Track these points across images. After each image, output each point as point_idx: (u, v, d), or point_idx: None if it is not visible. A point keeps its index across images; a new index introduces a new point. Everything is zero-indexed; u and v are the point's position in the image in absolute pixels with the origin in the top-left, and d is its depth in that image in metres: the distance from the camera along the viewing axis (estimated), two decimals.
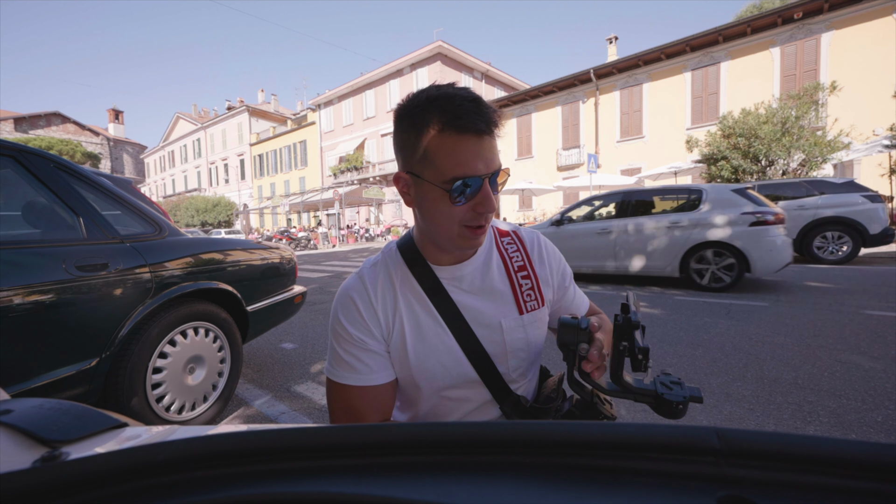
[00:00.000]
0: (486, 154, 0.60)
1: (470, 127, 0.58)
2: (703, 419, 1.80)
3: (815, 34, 12.00)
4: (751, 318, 3.30)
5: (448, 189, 0.59)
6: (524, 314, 0.73)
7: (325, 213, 27.99)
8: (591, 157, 11.31)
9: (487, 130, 0.60)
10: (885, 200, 6.14)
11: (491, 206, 0.62)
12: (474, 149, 0.59)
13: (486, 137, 0.60)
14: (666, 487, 0.17)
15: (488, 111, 0.60)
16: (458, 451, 0.18)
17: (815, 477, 0.16)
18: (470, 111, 0.58)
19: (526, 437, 0.18)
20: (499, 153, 0.63)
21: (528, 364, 0.75)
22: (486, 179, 0.60)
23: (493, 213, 0.63)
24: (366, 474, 0.18)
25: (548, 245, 0.82)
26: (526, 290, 0.74)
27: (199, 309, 1.89)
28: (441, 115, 0.58)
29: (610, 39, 20.04)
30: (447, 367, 0.70)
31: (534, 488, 0.17)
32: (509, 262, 0.75)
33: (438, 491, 0.17)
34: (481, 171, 0.59)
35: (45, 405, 0.31)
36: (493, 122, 0.60)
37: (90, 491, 0.18)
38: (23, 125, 38.44)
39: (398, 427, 0.19)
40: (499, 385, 0.72)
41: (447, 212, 0.62)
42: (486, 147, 0.60)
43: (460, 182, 0.59)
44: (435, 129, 0.59)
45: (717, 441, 0.17)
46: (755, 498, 0.16)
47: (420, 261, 0.72)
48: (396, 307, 0.70)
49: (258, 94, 42.73)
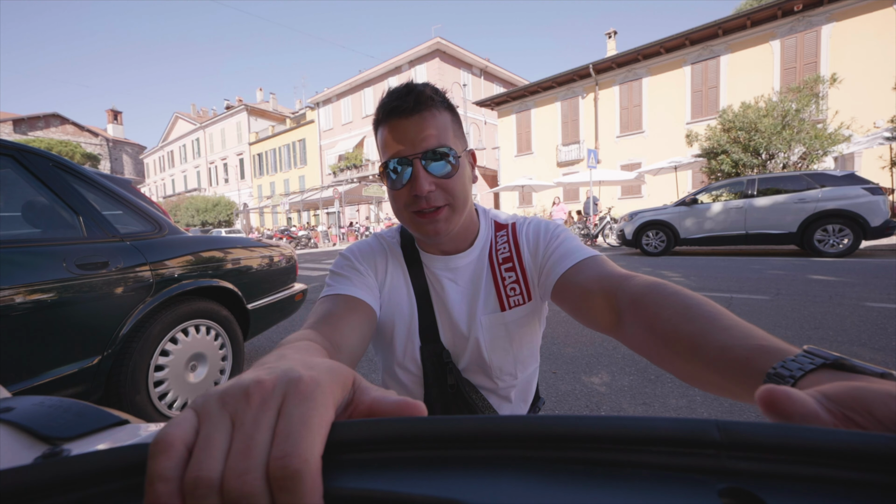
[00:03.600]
0: (412, 134, 0.58)
1: (394, 111, 0.58)
2: (704, 412, 1.80)
3: (815, 26, 11.93)
4: (752, 312, 3.30)
5: (384, 172, 0.62)
6: (506, 310, 0.70)
7: (325, 211, 27.98)
8: (590, 152, 11.29)
9: (416, 109, 0.58)
10: (885, 193, 6.12)
11: (418, 188, 0.58)
12: (398, 130, 0.59)
13: (413, 117, 0.58)
14: (666, 480, 0.16)
15: (419, 90, 0.59)
16: (458, 446, 0.18)
17: (817, 469, 0.16)
18: (397, 96, 0.58)
19: (526, 430, 0.18)
20: (448, 138, 0.60)
21: (515, 362, 0.73)
22: (416, 160, 0.58)
23: (423, 194, 0.59)
24: (366, 469, 0.18)
25: (543, 226, 0.73)
26: (509, 283, 0.70)
27: (200, 307, 1.89)
28: (378, 111, 0.61)
29: (609, 34, 19.93)
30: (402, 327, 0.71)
31: (534, 482, 0.17)
32: (495, 255, 0.72)
33: (438, 485, 0.17)
34: (405, 152, 0.58)
35: (46, 403, 0.31)
36: (423, 99, 0.58)
37: (92, 487, 0.18)
38: (21, 127, 38.38)
39: (398, 422, 0.19)
40: (435, 378, 0.71)
41: (392, 198, 0.63)
42: (412, 127, 0.58)
43: (389, 167, 0.60)
44: (376, 125, 0.63)
45: (717, 433, 0.17)
46: (756, 490, 0.16)
47: (412, 248, 0.73)
48: (387, 271, 0.73)
49: (257, 93, 42.64)
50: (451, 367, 0.71)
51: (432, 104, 0.59)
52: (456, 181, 0.61)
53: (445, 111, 0.62)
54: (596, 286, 0.56)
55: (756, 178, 7.23)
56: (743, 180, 7.41)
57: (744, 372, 0.32)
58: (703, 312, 0.41)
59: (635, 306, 0.47)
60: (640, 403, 1.90)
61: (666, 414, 1.81)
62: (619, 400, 1.95)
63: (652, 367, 2.29)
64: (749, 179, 7.30)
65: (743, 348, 0.34)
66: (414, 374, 0.73)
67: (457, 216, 0.63)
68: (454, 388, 0.71)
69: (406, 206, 0.62)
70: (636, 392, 2.02)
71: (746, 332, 0.36)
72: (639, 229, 8.15)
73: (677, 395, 1.95)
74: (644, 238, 8.14)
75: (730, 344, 0.35)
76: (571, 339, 2.91)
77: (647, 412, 1.83)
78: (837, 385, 0.23)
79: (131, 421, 0.32)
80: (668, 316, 0.43)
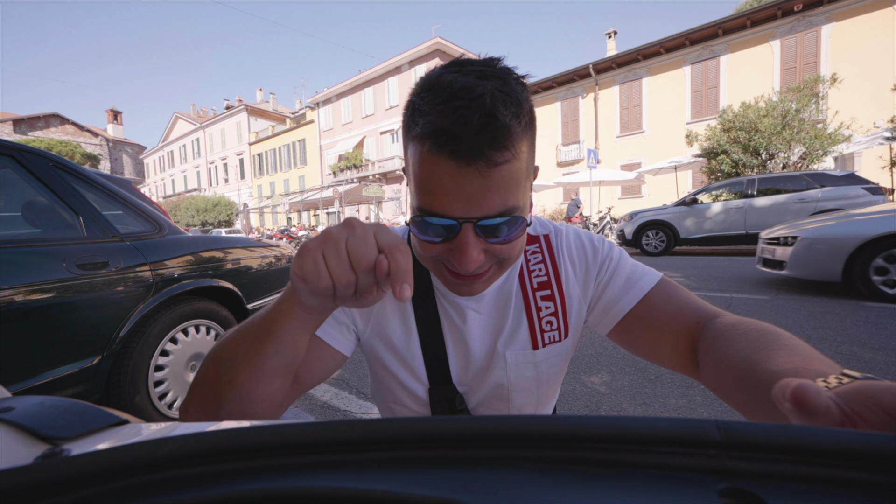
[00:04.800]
0: (471, 191, 0.40)
1: (448, 146, 0.39)
2: (704, 412, 1.80)
3: (815, 26, 11.94)
4: (752, 311, 3.30)
5: (415, 217, 0.45)
6: (538, 349, 0.57)
7: (325, 211, 27.98)
8: (590, 152, 11.28)
9: (483, 158, 0.39)
10: (885, 193, 6.13)
11: (466, 263, 0.43)
12: (450, 180, 0.40)
13: (475, 168, 0.39)
14: (666, 480, 0.16)
15: (499, 123, 0.38)
16: (459, 446, 0.18)
17: (817, 469, 0.16)
18: (463, 121, 0.38)
19: (526, 430, 0.18)
20: (518, 191, 0.43)
21: (537, 403, 0.63)
22: (466, 224, 0.42)
23: (470, 270, 0.45)
24: (367, 469, 0.18)
25: (589, 242, 0.60)
26: (546, 316, 0.57)
27: (200, 307, 1.89)
28: (426, 113, 0.40)
29: (609, 34, 19.92)
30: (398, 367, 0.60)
31: (534, 482, 0.17)
32: (528, 279, 0.58)
33: (439, 486, 0.17)
34: (456, 213, 0.42)
35: (46, 403, 0.31)
36: (501, 138, 0.39)
37: (92, 487, 0.18)
38: (21, 127, 38.37)
39: (400, 421, 0.19)
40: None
41: (419, 244, 0.48)
42: (472, 181, 0.40)
43: (423, 218, 0.44)
44: (417, 129, 0.42)
45: (717, 433, 0.17)
46: (757, 490, 0.16)
47: (420, 269, 0.58)
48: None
49: (256, 93, 42.64)
50: (465, 414, 0.61)
51: (511, 142, 0.40)
52: (515, 245, 0.46)
53: (524, 139, 0.42)
54: (674, 324, 0.49)
55: (756, 178, 7.25)
56: (743, 180, 7.42)
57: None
58: (776, 343, 0.37)
59: (713, 344, 0.43)
60: (640, 403, 1.90)
61: (666, 414, 1.81)
62: (619, 400, 1.95)
63: (652, 367, 2.29)
64: (749, 179, 7.32)
65: (792, 371, 0.32)
66: (418, 413, 0.63)
67: (502, 273, 0.50)
68: None
69: (437, 259, 0.48)
70: (636, 392, 2.02)
71: (808, 358, 0.34)
72: (639, 229, 8.16)
73: (677, 395, 1.95)
74: (644, 238, 8.15)
75: (783, 368, 0.33)
76: None
77: (647, 412, 1.83)
78: (848, 385, 0.24)
79: (131, 421, 0.32)
80: (739, 347, 0.40)
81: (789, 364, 0.34)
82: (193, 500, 0.18)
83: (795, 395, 0.22)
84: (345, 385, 2.27)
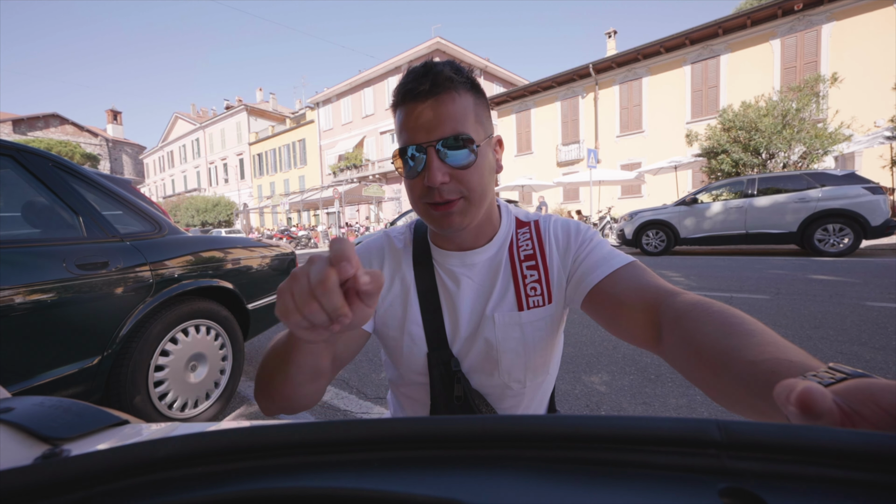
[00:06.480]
0: (428, 119, 0.54)
1: (410, 94, 0.55)
2: (704, 411, 1.80)
3: (815, 25, 11.92)
4: (752, 311, 3.30)
5: (401, 164, 0.58)
6: (524, 310, 0.65)
7: (325, 211, 27.98)
8: (590, 152, 11.28)
9: (433, 91, 0.54)
10: (886, 192, 6.12)
11: (431, 178, 0.55)
12: (413, 114, 0.55)
13: (429, 100, 0.54)
14: (667, 480, 0.16)
15: (437, 69, 0.54)
16: (459, 446, 0.18)
17: (818, 468, 0.16)
18: (413, 77, 0.54)
19: (526, 430, 0.18)
20: (468, 124, 0.56)
21: (525, 368, 0.66)
22: (430, 148, 0.54)
23: (435, 185, 0.55)
24: (367, 469, 0.18)
25: (574, 226, 0.69)
26: (530, 282, 0.65)
27: (200, 307, 1.89)
28: (395, 92, 0.57)
29: (609, 33, 19.91)
30: (404, 338, 0.67)
31: (534, 482, 0.17)
32: (516, 251, 0.68)
33: (439, 486, 0.17)
34: (420, 139, 0.55)
35: (46, 403, 0.31)
36: (441, 81, 0.54)
37: (91, 487, 0.18)
38: (21, 127, 38.37)
39: (400, 421, 0.19)
40: (442, 388, 0.66)
41: (408, 188, 0.60)
42: (428, 111, 0.54)
43: (407, 154, 0.56)
44: (394, 108, 0.59)
45: (718, 433, 0.17)
46: (757, 490, 0.15)
47: (423, 246, 0.70)
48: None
49: (256, 93, 42.61)
50: (460, 376, 0.66)
51: (452, 85, 0.55)
52: (473, 172, 0.57)
53: (468, 93, 0.57)
54: (636, 299, 0.53)
55: (756, 178, 7.23)
56: (743, 180, 7.42)
57: (767, 386, 0.31)
58: (743, 329, 0.40)
59: (678, 322, 0.46)
60: (640, 403, 1.90)
61: (666, 414, 1.81)
62: (619, 400, 1.95)
63: (652, 367, 2.29)
64: (749, 179, 7.30)
65: (771, 362, 0.33)
66: (421, 383, 0.69)
67: (474, 209, 0.59)
68: (461, 400, 0.66)
69: (420, 198, 0.59)
70: (636, 392, 2.02)
71: (781, 348, 0.35)
72: (639, 229, 8.15)
73: (677, 395, 1.95)
74: (644, 238, 8.15)
75: (760, 358, 0.35)
76: (571, 338, 2.90)
77: (647, 412, 1.83)
78: (846, 384, 0.24)
79: (131, 421, 0.32)
80: (707, 331, 0.42)
81: (766, 354, 0.35)
82: (193, 500, 0.18)
83: (802, 399, 0.22)
84: (345, 385, 2.27)
